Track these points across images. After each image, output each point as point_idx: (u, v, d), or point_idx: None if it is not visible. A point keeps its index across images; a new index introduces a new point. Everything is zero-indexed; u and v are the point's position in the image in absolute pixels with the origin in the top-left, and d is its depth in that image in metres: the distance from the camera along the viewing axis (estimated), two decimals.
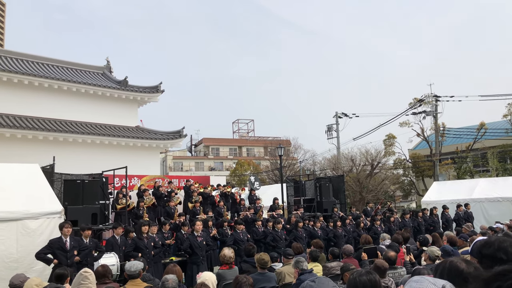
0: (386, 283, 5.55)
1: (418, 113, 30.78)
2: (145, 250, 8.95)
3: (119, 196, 12.69)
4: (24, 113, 19.40)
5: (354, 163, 31.41)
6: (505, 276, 1.10)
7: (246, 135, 64.04)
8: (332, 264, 7.52)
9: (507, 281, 1.08)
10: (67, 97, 20.88)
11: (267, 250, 10.45)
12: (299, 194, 16.89)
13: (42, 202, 8.78)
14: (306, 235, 12.08)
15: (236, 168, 45.43)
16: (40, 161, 11.10)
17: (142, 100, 23.69)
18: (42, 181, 9.65)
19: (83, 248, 8.02)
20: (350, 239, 12.92)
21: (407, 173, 36.33)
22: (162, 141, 22.76)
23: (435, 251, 6.70)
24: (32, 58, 22.88)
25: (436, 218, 15.64)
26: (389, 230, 13.24)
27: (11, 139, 17.85)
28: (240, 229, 10.92)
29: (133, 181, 16.62)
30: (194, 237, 9.81)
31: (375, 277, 2.65)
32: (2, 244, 7.87)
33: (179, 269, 5.48)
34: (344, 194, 17.97)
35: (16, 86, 19.38)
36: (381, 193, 29.57)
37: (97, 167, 14.43)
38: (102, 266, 5.66)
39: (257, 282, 6.26)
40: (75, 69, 24.04)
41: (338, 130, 34.46)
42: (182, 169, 54.07)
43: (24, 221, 8.22)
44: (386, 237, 9.66)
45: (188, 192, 14.61)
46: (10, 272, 7.08)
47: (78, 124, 20.65)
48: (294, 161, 39.41)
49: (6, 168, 9.64)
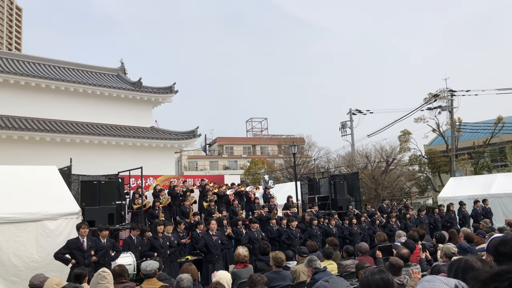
0: (401, 281, 5.52)
1: (434, 108, 30.41)
2: (161, 250, 9.05)
3: (135, 196, 12.85)
4: (42, 116, 19.74)
5: (369, 160, 31.19)
6: (503, 277, 1.10)
7: (260, 134, 64.06)
8: (347, 262, 7.51)
9: (505, 282, 1.09)
10: (83, 99, 21.19)
11: (281, 249, 10.47)
12: (313, 192, 16.85)
13: (60, 203, 8.95)
14: (321, 233, 12.06)
15: (250, 166, 45.49)
16: (58, 163, 11.30)
17: (156, 101, 23.88)
18: (59, 183, 9.82)
19: (100, 248, 8.15)
20: (365, 236, 12.86)
21: (423, 169, 35.92)
22: (177, 141, 22.92)
23: (451, 248, 6.62)
24: (49, 62, 23.26)
25: (453, 215, 15.44)
26: (405, 227, 13.13)
27: (30, 142, 18.20)
28: (254, 228, 10.96)
29: (149, 181, 16.80)
30: (209, 236, 9.89)
31: (387, 275, 2.65)
32: (23, 244, 8.05)
33: (194, 268, 5.55)
34: (359, 191, 17.85)
35: (33, 90, 19.73)
36: (397, 190, 29.29)
37: (113, 168, 14.62)
38: (119, 266, 5.76)
39: (272, 280, 6.29)
40: (90, 72, 24.37)
41: (352, 127, 34.22)
42: (197, 169, 54.38)
43: (43, 222, 8.39)
44: (402, 234, 9.58)
45: (203, 191, 14.71)
46: (30, 272, 7.24)
47: (94, 126, 20.93)
48: (308, 159, 39.31)
49: (25, 171, 9.85)
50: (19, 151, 17.62)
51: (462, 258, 2.60)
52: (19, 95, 19.39)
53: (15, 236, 7.99)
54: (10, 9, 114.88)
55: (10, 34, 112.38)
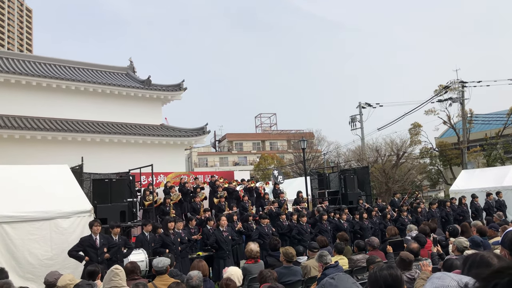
0: (412, 275, 5.51)
1: (444, 100, 30.09)
2: (172, 246, 9.13)
3: (146, 193, 12.96)
4: (53, 115, 19.97)
5: (379, 153, 31.01)
6: (503, 273, 1.11)
7: (269, 129, 64.02)
8: (357, 257, 7.51)
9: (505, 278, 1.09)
10: (93, 98, 21.37)
11: (292, 244, 10.49)
12: (323, 187, 16.83)
13: (73, 201, 9.08)
14: (332, 228, 12.05)
15: (260, 162, 45.54)
16: (69, 162, 11.45)
17: (165, 99, 24.00)
18: (72, 181, 9.96)
19: (113, 245, 8.26)
20: (376, 231, 12.81)
21: (434, 162, 35.65)
22: (187, 138, 23.03)
23: (463, 242, 6.57)
24: (59, 62, 23.49)
25: (465, 208, 15.30)
26: (416, 221, 13.06)
27: (42, 141, 18.44)
28: (265, 223, 10.99)
29: (159, 178, 16.92)
30: (219, 232, 9.95)
31: (396, 271, 2.64)
32: (37, 242, 8.19)
33: (204, 264, 5.60)
34: (370, 185, 17.79)
35: (44, 90, 19.96)
36: (408, 183, 29.10)
37: (124, 165, 14.75)
38: (131, 263, 5.83)
39: (282, 275, 6.32)
40: (100, 71, 24.55)
41: (362, 120, 34.05)
42: (207, 165, 54.58)
43: (57, 220, 8.52)
44: (413, 228, 9.54)
45: (213, 187, 14.78)
46: (45, 269, 7.37)
47: (105, 124, 21.11)
48: (318, 154, 39.20)
49: (38, 170, 10.00)
50: (31, 150, 17.85)
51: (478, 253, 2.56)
52: (31, 95, 19.62)
53: (29, 234, 8.14)
54: (21, 10, 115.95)
55: (21, 35, 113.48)
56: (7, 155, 16.77)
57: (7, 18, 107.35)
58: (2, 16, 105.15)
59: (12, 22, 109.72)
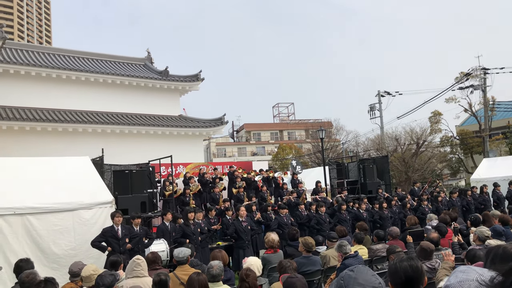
0: (432, 265, 5.47)
1: (465, 88, 29.49)
2: (192, 236, 9.24)
3: (166, 184, 13.11)
4: (73, 107, 20.26)
5: (399, 142, 30.67)
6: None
7: (287, 119, 63.80)
8: (377, 246, 7.49)
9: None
10: (112, 89, 21.59)
11: (311, 234, 10.50)
12: (342, 177, 16.75)
13: (94, 193, 9.23)
14: (351, 218, 12.01)
15: (278, 152, 45.48)
16: (90, 153, 11.62)
17: (183, 89, 24.09)
18: (93, 173, 10.12)
19: (134, 235, 8.40)
20: (396, 220, 12.73)
21: (454, 150, 35.08)
22: (205, 129, 23.14)
23: (485, 231, 6.48)
24: (78, 54, 23.77)
25: (487, 196, 15.04)
26: (436, 210, 12.91)
27: (63, 133, 18.76)
28: (283, 213, 11.02)
29: (179, 169, 17.07)
30: (239, 222, 10.03)
31: (416, 263, 2.61)
32: (61, 233, 8.38)
33: (224, 254, 5.65)
34: (389, 174, 17.62)
35: (64, 82, 20.25)
36: (428, 172, 28.72)
37: (144, 156, 14.93)
38: (152, 253, 5.94)
39: (302, 265, 6.35)
40: (118, 62, 24.76)
41: (381, 109, 33.66)
42: (225, 155, 54.82)
43: (79, 211, 8.69)
44: (433, 218, 9.44)
45: (231, 178, 14.85)
46: (69, 259, 7.56)
47: (124, 116, 21.35)
48: (337, 143, 38.93)
49: (60, 162, 10.20)
50: (53, 143, 18.18)
51: (500, 246, 2.52)
52: (51, 87, 19.92)
53: (53, 225, 8.33)
54: (39, 2, 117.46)
55: (40, 27, 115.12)
56: (29, 147, 17.13)
57: (26, 10, 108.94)
58: (21, 8, 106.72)
59: (31, 15, 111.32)
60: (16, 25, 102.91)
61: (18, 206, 8.06)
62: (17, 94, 18.99)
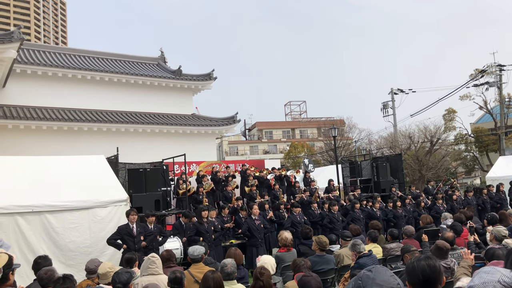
0: (448, 264, 5.43)
1: (480, 85, 29.10)
2: (206, 234, 9.30)
3: (179, 182, 13.22)
4: (88, 106, 20.52)
5: (412, 140, 30.39)
6: None
7: (299, 117, 63.63)
8: (391, 245, 7.45)
9: None
10: (126, 89, 21.80)
11: (324, 232, 10.50)
12: (355, 175, 16.67)
13: (109, 191, 9.35)
14: (364, 216, 11.96)
15: (290, 150, 45.40)
16: (105, 152, 11.77)
17: (196, 88, 24.22)
18: (108, 171, 10.25)
19: (149, 233, 8.49)
20: (410, 219, 12.63)
21: (469, 148, 34.63)
22: (217, 127, 23.23)
23: (502, 230, 6.38)
24: (93, 54, 24.05)
25: (503, 195, 14.83)
26: (451, 208, 12.78)
27: (79, 132, 19.01)
28: (296, 212, 11.02)
29: (192, 167, 17.18)
30: (252, 221, 10.06)
31: (434, 262, 2.60)
32: (77, 231, 8.51)
33: (239, 252, 5.69)
34: (403, 173, 17.48)
35: (79, 82, 20.51)
36: (442, 170, 28.41)
37: (157, 155, 15.06)
38: (167, 251, 5.99)
39: (315, 264, 6.35)
40: (132, 62, 24.98)
41: (394, 107, 33.36)
42: (237, 154, 54.92)
43: (95, 209, 8.81)
44: (448, 217, 9.35)
45: (244, 176, 14.90)
46: (85, 257, 7.68)
47: (138, 115, 21.55)
48: (349, 141, 38.73)
49: (76, 160, 10.35)
50: (69, 141, 18.45)
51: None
52: (67, 87, 20.19)
53: (70, 223, 8.46)
54: (55, 3, 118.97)
55: (56, 28, 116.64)
56: (46, 146, 17.40)
57: (43, 12, 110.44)
58: (37, 10, 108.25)
59: (47, 16, 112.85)
60: (33, 26, 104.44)
61: (35, 204, 8.21)
62: (34, 94, 19.30)
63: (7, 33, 15.19)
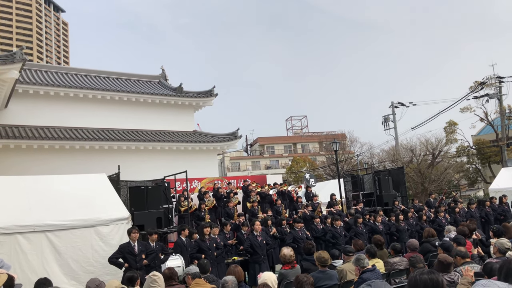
0: (452, 278, 5.39)
1: (480, 97, 29.23)
2: (208, 252, 9.24)
3: (181, 199, 13.19)
4: (89, 125, 20.62)
5: (414, 153, 30.37)
6: None
7: (300, 132, 63.75)
8: (394, 260, 7.39)
9: None
10: (127, 107, 21.94)
11: (327, 248, 10.42)
12: (357, 189, 16.62)
13: (111, 209, 9.36)
14: (367, 231, 11.89)
15: (292, 165, 45.37)
16: (106, 170, 11.80)
17: (197, 105, 24.36)
18: (109, 190, 10.27)
19: (150, 251, 8.45)
20: (413, 232, 12.56)
21: (471, 160, 34.58)
22: (219, 143, 23.28)
23: (505, 243, 6.35)
24: (94, 73, 24.28)
25: (507, 207, 14.76)
26: (454, 221, 12.72)
27: (80, 151, 19.06)
28: (299, 227, 10.96)
29: (194, 184, 17.16)
30: (254, 237, 10.00)
31: (437, 276, 2.59)
32: (79, 249, 8.50)
33: (240, 269, 5.65)
34: (405, 186, 17.43)
35: (81, 101, 20.65)
36: (445, 183, 28.33)
37: (159, 172, 15.06)
38: (169, 269, 5.95)
39: (318, 280, 6.30)
40: (133, 80, 25.20)
41: (395, 120, 33.46)
42: (239, 169, 54.89)
43: (97, 228, 8.81)
44: (452, 229, 9.30)
45: (246, 192, 14.85)
46: (87, 276, 7.64)
47: (139, 132, 21.63)
48: (351, 155, 38.70)
49: (77, 179, 10.37)
50: (70, 160, 18.48)
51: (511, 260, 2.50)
52: (68, 106, 20.32)
53: (72, 241, 8.45)
54: (57, 24, 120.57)
55: (58, 48, 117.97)
56: (47, 165, 17.45)
57: (45, 32, 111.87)
58: (40, 31, 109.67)
59: (49, 36, 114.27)
60: (36, 47, 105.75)
61: (37, 223, 8.22)
62: (36, 114, 19.43)
63: (10, 54, 15.37)
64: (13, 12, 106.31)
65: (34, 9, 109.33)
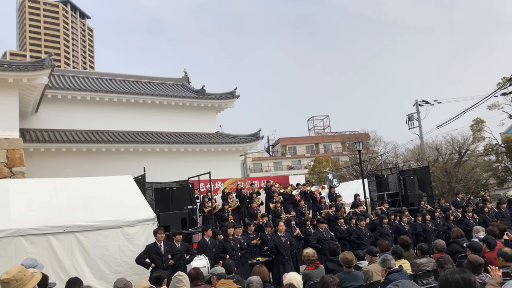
0: (482, 280, 5.29)
1: (509, 93, 28.39)
2: (232, 252, 9.30)
3: (205, 200, 13.32)
4: (115, 128, 21.02)
5: (440, 152, 29.79)
6: None
7: (322, 132, 63.36)
8: (421, 261, 7.28)
9: None
10: (151, 110, 22.28)
11: (351, 248, 10.33)
12: (382, 189, 16.40)
13: (137, 210, 9.52)
14: (393, 231, 11.73)
15: (315, 165, 45.13)
16: (132, 172, 12.00)
17: (219, 107, 24.53)
18: (135, 191, 10.45)
19: (176, 252, 8.57)
20: (440, 233, 12.32)
21: (500, 158, 33.64)
22: (241, 145, 23.38)
23: None
24: (119, 77, 24.77)
25: None
26: (483, 221, 12.41)
27: (107, 153, 19.46)
28: (323, 228, 10.91)
29: (217, 185, 17.30)
30: (278, 237, 10.00)
31: (470, 276, 2.53)
32: (107, 250, 8.68)
33: (265, 269, 5.67)
34: (431, 186, 17.10)
35: (106, 104, 21.09)
36: (472, 182, 27.65)
37: (183, 173, 15.24)
38: (194, 269, 6.02)
39: (344, 281, 6.26)
40: (157, 83, 25.57)
41: (419, 119, 32.93)
42: (261, 170, 54.94)
43: (123, 229, 8.97)
44: (480, 230, 9.08)
45: (269, 193, 14.88)
46: (115, 276, 7.80)
47: (164, 135, 21.92)
48: (375, 155, 38.24)
49: (104, 181, 10.60)
50: (97, 163, 18.88)
51: None
52: (94, 110, 20.79)
53: (100, 242, 8.64)
54: (83, 30, 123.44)
55: (84, 54, 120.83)
56: (76, 167, 17.90)
57: (72, 38, 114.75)
58: (66, 37, 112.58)
59: (76, 42, 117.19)
60: (63, 53, 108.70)
61: (67, 224, 8.44)
62: (64, 118, 19.94)
63: (39, 60, 15.83)
64: (41, 20, 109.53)
65: (61, 16, 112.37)
